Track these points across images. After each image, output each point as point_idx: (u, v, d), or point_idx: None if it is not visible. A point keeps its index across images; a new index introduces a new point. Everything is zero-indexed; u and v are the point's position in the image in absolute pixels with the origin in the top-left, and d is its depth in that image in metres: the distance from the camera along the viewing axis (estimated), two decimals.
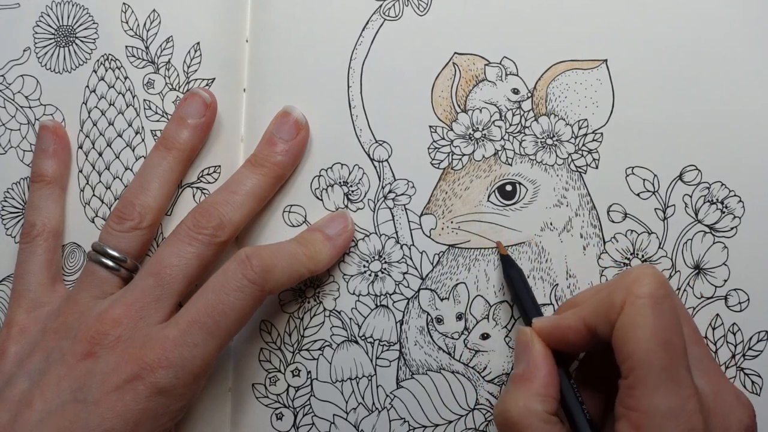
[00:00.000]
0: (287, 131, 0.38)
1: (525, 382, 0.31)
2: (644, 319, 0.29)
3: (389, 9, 0.39)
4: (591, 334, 0.31)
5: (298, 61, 0.39)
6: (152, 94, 0.40)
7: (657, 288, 0.29)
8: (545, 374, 0.32)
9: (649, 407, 0.28)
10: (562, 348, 0.33)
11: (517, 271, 0.36)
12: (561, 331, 0.32)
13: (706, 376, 0.31)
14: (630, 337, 0.29)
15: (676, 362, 0.29)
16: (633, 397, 0.29)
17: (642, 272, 0.30)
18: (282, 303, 0.39)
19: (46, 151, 0.40)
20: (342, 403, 0.38)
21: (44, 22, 0.42)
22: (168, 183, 0.38)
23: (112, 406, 0.32)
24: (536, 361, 0.32)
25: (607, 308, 0.30)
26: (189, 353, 0.32)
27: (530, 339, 0.33)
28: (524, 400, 0.31)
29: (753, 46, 0.37)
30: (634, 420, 0.28)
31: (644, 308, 0.29)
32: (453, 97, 0.38)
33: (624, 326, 0.29)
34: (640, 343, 0.29)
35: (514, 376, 0.32)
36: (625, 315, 0.29)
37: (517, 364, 0.33)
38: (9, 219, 0.41)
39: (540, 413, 0.30)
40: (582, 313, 0.31)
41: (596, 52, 0.38)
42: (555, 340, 0.32)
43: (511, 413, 0.31)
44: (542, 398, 0.31)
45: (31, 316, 0.37)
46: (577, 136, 0.38)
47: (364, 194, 0.39)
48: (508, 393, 0.32)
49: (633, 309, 0.29)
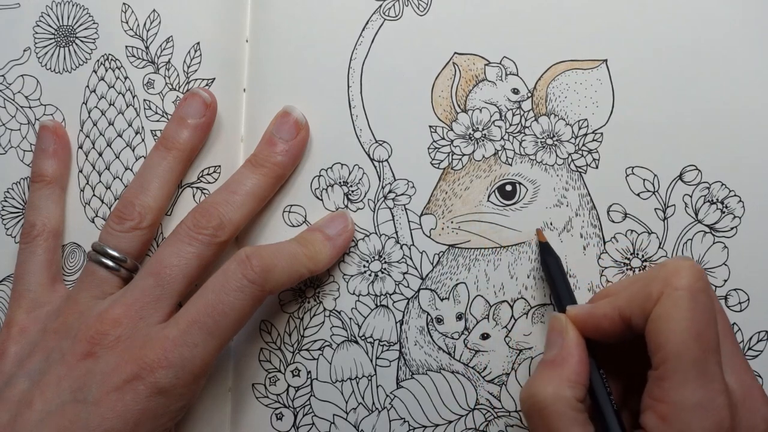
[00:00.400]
0: (287, 131, 0.38)
1: (556, 368, 0.31)
2: (680, 311, 0.29)
3: (389, 9, 0.39)
4: (625, 324, 0.31)
5: (298, 61, 0.39)
6: (152, 94, 0.40)
7: (695, 281, 0.29)
8: (577, 361, 0.31)
9: (677, 399, 0.28)
10: (595, 336, 0.32)
11: (554, 259, 0.36)
12: (595, 319, 0.32)
13: (736, 373, 0.31)
14: (664, 329, 0.29)
15: (709, 356, 0.28)
16: (662, 388, 0.29)
17: (680, 264, 0.30)
18: (282, 303, 0.39)
19: (46, 151, 0.40)
20: (342, 403, 0.38)
21: (44, 22, 0.42)
22: (168, 183, 0.38)
23: (112, 406, 0.32)
24: (569, 347, 0.32)
25: (643, 299, 0.30)
26: (189, 353, 0.32)
27: (564, 326, 0.33)
28: (554, 386, 0.30)
29: (753, 46, 0.37)
30: (661, 411, 0.28)
31: (681, 300, 0.29)
32: (453, 97, 0.38)
33: (659, 317, 0.29)
34: (674, 335, 0.28)
35: (545, 361, 0.32)
36: (661, 306, 0.29)
37: (548, 349, 0.33)
38: (9, 219, 0.42)
39: (569, 399, 0.30)
40: (617, 302, 0.31)
41: (596, 52, 0.38)
42: (589, 329, 0.32)
43: (540, 397, 0.30)
44: (572, 384, 0.30)
45: (31, 316, 0.37)
46: (577, 136, 0.38)
47: (364, 194, 0.39)
48: (537, 377, 0.31)
49: (669, 301, 0.29)
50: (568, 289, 0.35)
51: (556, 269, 0.36)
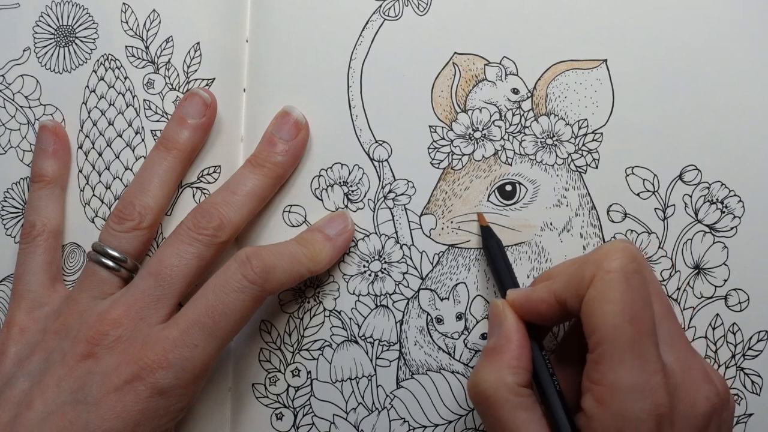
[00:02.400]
0: (287, 131, 0.38)
1: (496, 355, 0.31)
2: (612, 293, 0.29)
3: (389, 9, 0.39)
4: (561, 307, 0.31)
5: (298, 61, 0.39)
6: (152, 94, 0.40)
7: (627, 263, 0.29)
8: (516, 346, 0.31)
9: (613, 381, 0.28)
10: (535, 321, 0.33)
11: (495, 242, 0.36)
12: (532, 303, 0.32)
13: (675, 352, 0.31)
14: (597, 311, 0.29)
15: (643, 337, 0.29)
16: (598, 371, 0.29)
17: (613, 247, 0.30)
18: (282, 303, 0.39)
19: (45, 151, 0.40)
20: (342, 403, 0.38)
21: (44, 22, 0.42)
22: (168, 183, 0.38)
23: (112, 407, 0.32)
24: (508, 333, 0.32)
25: (577, 282, 0.30)
26: (189, 354, 0.32)
27: (502, 311, 0.33)
28: (495, 373, 0.31)
29: (753, 46, 0.37)
30: (598, 394, 0.29)
31: (612, 283, 0.29)
32: (453, 96, 0.38)
33: (591, 300, 0.29)
34: (606, 317, 0.29)
35: (486, 349, 0.32)
36: (593, 289, 0.29)
37: (489, 336, 0.33)
38: (9, 219, 0.42)
39: (511, 385, 0.30)
40: (553, 286, 0.31)
41: (596, 52, 0.38)
42: (527, 313, 0.32)
43: (483, 386, 0.31)
44: (513, 370, 0.31)
45: (31, 316, 0.37)
46: (577, 136, 0.38)
47: (364, 194, 0.39)
48: (479, 366, 0.32)
49: (601, 283, 0.29)
50: (510, 273, 0.35)
51: (497, 252, 0.36)
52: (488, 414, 0.31)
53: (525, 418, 0.30)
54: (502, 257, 0.36)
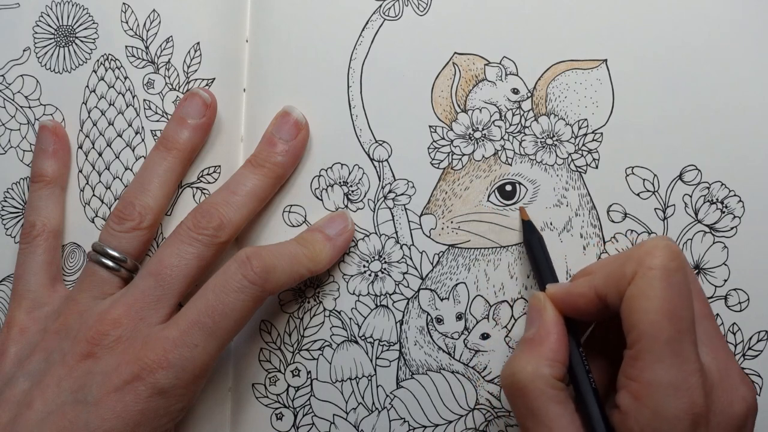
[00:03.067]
0: (287, 131, 0.38)
1: (534, 346, 0.31)
2: (653, 291, 0.29)
3: (389, 9, 0.39)
4: (601, 303, 0.31)
5: (298, 61, 0.39)
6: (152, 94, 0.40)
7: (668, 261, 0.29)
8: (555, 339, 0.31)
9: (650, 379, 0.28)
10: (574, 315, 0.32)
11: (537, 238, 0.36)
12: (573, 298, 0.32)
13: (713, 352, 0.31)
14: (637, 308, 0.29)
15: (682, 336, 0.28)
16: (636, 368, 0.29)
17: (655, 244, 0.30)
18: (282, 303, 0.39)
19: (45, 151, 0.40)
20: (342, 403, 0.38)
21: (44, 22, 0.42)
22: (168, 183, 0.38)
23: (112, 407, 0.32)
24: (547, 326, 0.32)
25: (618, 278, 0.30)
26: (189, 354, 0.32)
27: (543, 304, 0.33)
28: (533, 364, 0.30)
29: (753, 46, 0.37)
30: (635, 391, 0.28)
31: (654, 280, 0.29)
32: (453, 96, 0.38)
33: (632, 297, 0.29)
34: (646, 315, 0.28)
35: (524, 340, 0.32)
36: (635, 286, 0.29)
37: (527, 328, 0.33)
38: (9, 219, 0.42)
39: (547, 378, 0.30)
40: (594, 282, 0.31)
41: (596, 52, 0.38)
42: (567, 307, 0.32)
43: (519, 376, 0.30)
44: (551, 363, 0.31)
45: (32, 316, 0.37)
46: (577, 136, 0.38)
47: (364, 194, 0.39)
48: (516, 356, 0.31)
49: (643, 281, 0.29)
50: (550, 268, 0.35)
51: (538, 247, 0.36)
52: (521, 404, 0.30)
53: (559, 412, 0.30)
54: (543, 252, 0.36)
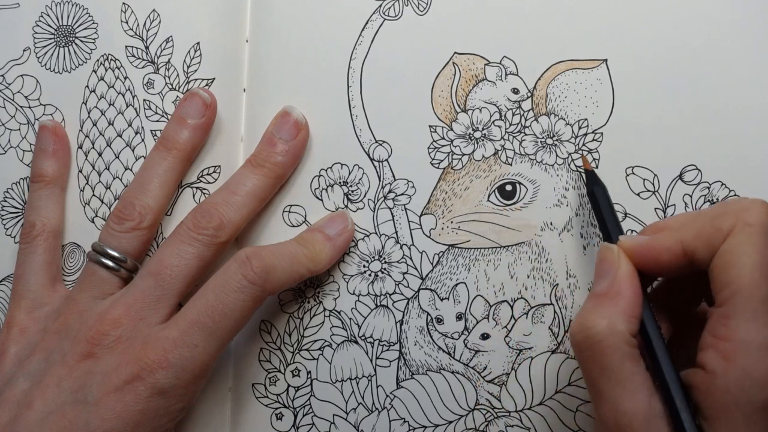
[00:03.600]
0: (287, 131, 0.38)
1: (609, 300, 0.30)
2: (752, 247, 0.28)
3: (389, 9, 0.39)
4: (686, 258, 0.30)
5: (298, 61, 0.39)
6: (152, 94, 0.40)
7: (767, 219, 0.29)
8: (631, 294, 0.30)
9: (744, 338, 0.27)
10: (650, 270, 0.31)
11: (601, 189, 0.35)
12: (654, 252, 0.31)
13: None
14: (734, 264, 0.28)
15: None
16: (727, 326, 0.27)
17: (753, 201, 0.29)
18: (282, 303, 0.39)
19: (45, 151, 0.40)
20: (342, 403, 0.38)
21: (44, 22, 0.42)
22: (168, 183, 0.38)
23: (112, 407, 0.32)
24: (623, 279, 0.30)
25: (711, 232, 0.29)
26: (189, 354, 0.32)
27: (617, 257, 0.31)
28: (607, 319, 0.29)
29: (753, 46, 0.37)
30: (725, 350, 0.27)
31: (753, 236, 0.28)
32: (453, 96, 0.38)
33: (728, 252, 0.28)
34: (744, 271, 0.27)
35: (597, 294, 0.31)
36: (732, 241, 0.28)
37: (598, 281, 0.31)
38: (9, 219, 0.42)
39: (623, 334, 0.29)
40: (681, 235, 0.30)
41: (596, 52, 0.38)
42: (645, 261, 0.31)
43: (593, 331, 0.29)
44: (626, 318, 0.29)
45: (31, 316, 0.37)
46: (577, 136, 0.38)
47: (364, 194, 0.39)
48: (588, 311, 0.30)
49: (741, 236, 0.28)
50: (616, 220, 0.34)
51: (603, 199, 0.35)
52: (593, 361, 0.29)
53: (634, 370, 0.28)
54: (608, 204, 0.34)
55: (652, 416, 0.28)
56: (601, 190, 0.35)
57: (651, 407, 0.28)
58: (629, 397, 0.28)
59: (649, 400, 0.28)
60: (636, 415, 0.28)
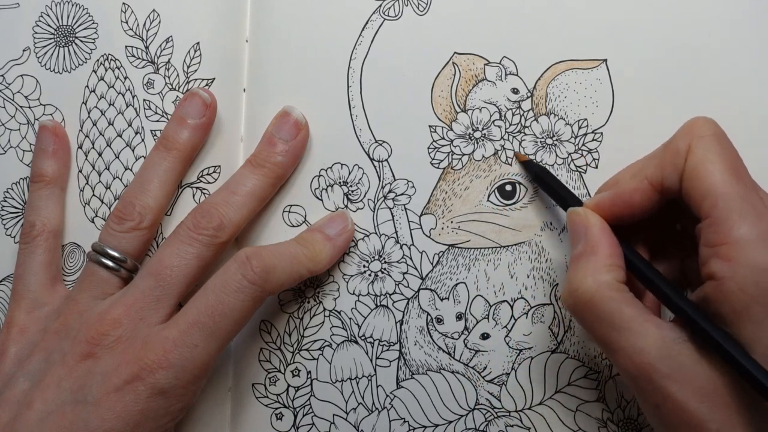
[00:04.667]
0: (287, 131, 0.38)
1: (588, 257, 0.31)
2: (714, 155, 0.29)
3: (389, 9, 0.39)
4: (656, 190, 0.31)
5: (298, 61, 0.39)
6: (152, 94, 0.40)
7: (716, 128, 0.30)
8: (606, 245, 0.31)
9: (738, 236, 0.28)
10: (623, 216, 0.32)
11: (544, 170, 0.36)
12: (625, 196, 0.32)
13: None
14: (704, 174, 0.29)
15: (752, 191, 0.29)
16: (719, 232, 0.28)
17: (695, 120, 0.31)
18: (282, 303, 0.39)
19: (45, 151, 0.40)
20: (342, 403, 0.38)
21: (44, 21, 0.42)
22: (168, 183, 0.38)
23: (112, 407, 0.32)
24: (595, 235, 0.31)
25: (672, 156, 0.30)
26: (189, 354, 0.32)
27: (584, 216, 0.32)
28: (591, 274, 0.30)
29: (753, 46, 0.37)
30: (725, 253, 0.28)
31: (712, 145, 0.29)
32: (453, 96, 0.38)
33: (695, 166, 0.29)
34: (715, 176, 0.29)
35: (574, 257, 0.31)
36: (694, 155, 0.30)
37: (574, 245, 0.32)
38: (9, 219, 0.41)
39: (611, 282, 0.30)
40: (643, 172, 0.32)
41: (596, 52, 0.38)
42: (618, 209, 0.32)
43: (582, 290, 0.30)
44: (608, 268, 0.30)
45: (31, 316, 0.37)
46: (577, 136, 0.38)
47: (364, 194, 0.39)
48: (571, 273, 0.31)
49: (701, 148, 0.29)
50: (571, 192, 0.35)
51: (550, 177, 0.36)
52: (593, 317, 0.30)
53: (632, 312, 0.29)
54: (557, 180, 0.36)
55: (668, 345, 0.28)
56: (545, 171, 0.36)
57: (664, 337, 0.28)
58: (638, 336, 0.28)
59: (659, 332, 0.29)
60: (651, 349, 0.28)
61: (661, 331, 0.29)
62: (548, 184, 0.36)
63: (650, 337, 0.28)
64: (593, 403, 0.37)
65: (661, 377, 0.28)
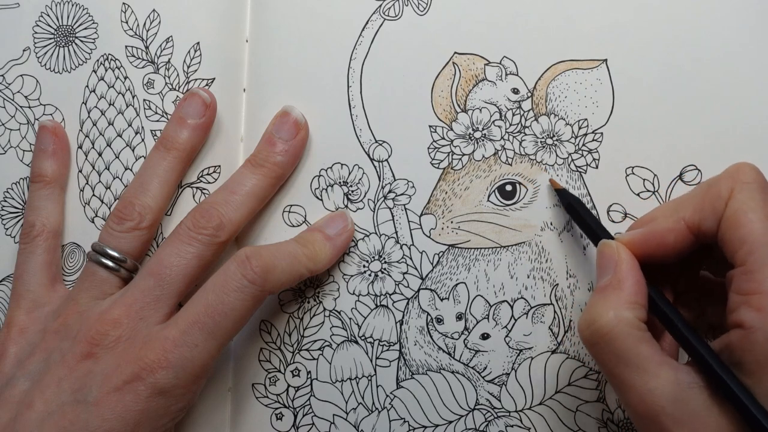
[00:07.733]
0: (287, 131, 0.38)
1: (612, 291, 0.30)
2: (756, 202, 0.29)
3: (389, 9, 0.39)
4: (692, 233, 0.31)
5: (298, 61, 0.39)
6: (152, 94, 0.40)
7: (759, 175, 0.30)
8: (633, 282, 0.31)
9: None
10: (654, 255, 0.32)
11: (577, 199, 0.36)
12: (658, 236, 0.31)
13: None
14: (744, 221, 0.29)
15: None
16: (753, 281, 0.28)
17: (741, 164, 0.30)
18: (282, 303, 0.39)
19: (45, 151, 0.40)
20: (342, 403, 0.38)
21: (44, 21, 0.42)
22: (168, 183, 0.38)
23: (112, 407, 0.32)
24: (623, 270, 0.31)
25: (712, 200, 0.30)
26: (189, 354, 0.32)
27: (615, 250, 0.32)
28: (613, 309, 0.30)
29: (753, 46, 0.37)
30: (757, 303, 0.27)
31: (754, 192, 0.29)
32: (453, 96, 0.38)
33: (735, 212, 0.29)
34: (755, 225, 0.28)
35: (599, 289, 0.31)
36: (735, 200, 0.29)
37: (600, 277, 0.32)
38: (9, 219, 0.41)
39: (631, 320, 0.29)
40: (680, 213, 0.31)
41: (596, 52, 0.38)
42: (649, 248, 0.32)
43: (601, 323, 0.29)
44: (631, 305, 0.30)
45: (31, 316, 0.37)
46: (577, 136, 0.38)
47: (364, 194, 0.39)
48: (593, 305, 0.31)
49: (743, 194, 0.29)
50: (602, 225, 0.35)
51: (583, 208, 0.36)
52: (607, 352, 0.29)
53: (649, 352, 0.29)
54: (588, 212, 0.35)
55: (681, 389, 0.28)
56: (578, 201, 0.36)
57: (678, 380, 0.28)
58: (652, 376, 0.28)
59: (674, 374, 0.28)
60: (663, 390, 0.28)
61: (676, 374, 0.28)
62: (580, 216, 0.35)
63: (664, 379, 0.28)
64: (593, 403, 0.37)
65: (669, 421, 0.28)
